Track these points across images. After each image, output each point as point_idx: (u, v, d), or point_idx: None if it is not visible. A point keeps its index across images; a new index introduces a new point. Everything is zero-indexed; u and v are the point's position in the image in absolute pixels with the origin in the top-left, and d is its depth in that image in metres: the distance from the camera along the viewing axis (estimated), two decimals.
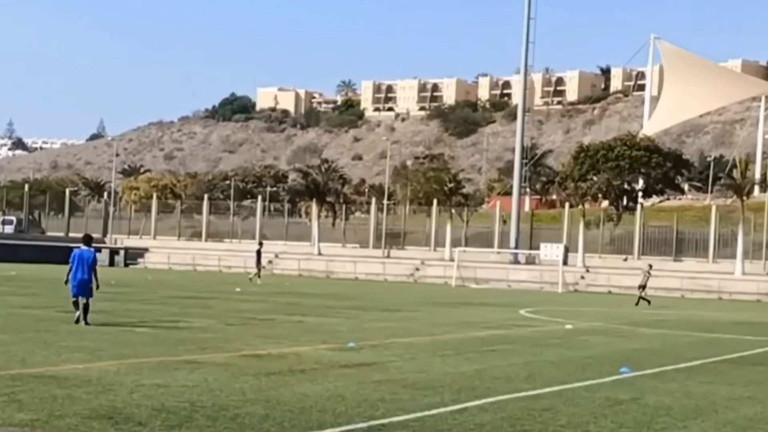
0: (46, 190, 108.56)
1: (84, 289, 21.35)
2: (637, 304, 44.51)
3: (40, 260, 69.57)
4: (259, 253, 57.05)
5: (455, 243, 71.24)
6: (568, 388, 14.46)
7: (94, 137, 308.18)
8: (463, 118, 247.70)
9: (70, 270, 21.54)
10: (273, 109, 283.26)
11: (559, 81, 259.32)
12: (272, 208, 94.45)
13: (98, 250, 78.33)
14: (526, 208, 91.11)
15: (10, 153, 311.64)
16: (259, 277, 54.24)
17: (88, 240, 22.66)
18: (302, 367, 15.60)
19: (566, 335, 25.28)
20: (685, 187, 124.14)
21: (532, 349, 20.60)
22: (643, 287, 46.17)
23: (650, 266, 49.68)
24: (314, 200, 79.90)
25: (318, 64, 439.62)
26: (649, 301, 44.97)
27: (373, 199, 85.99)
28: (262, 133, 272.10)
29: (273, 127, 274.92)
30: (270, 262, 76.23)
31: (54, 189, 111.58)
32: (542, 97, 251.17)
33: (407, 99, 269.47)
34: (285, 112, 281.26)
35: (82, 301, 21.34)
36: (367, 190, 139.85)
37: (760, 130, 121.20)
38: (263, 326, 24.00)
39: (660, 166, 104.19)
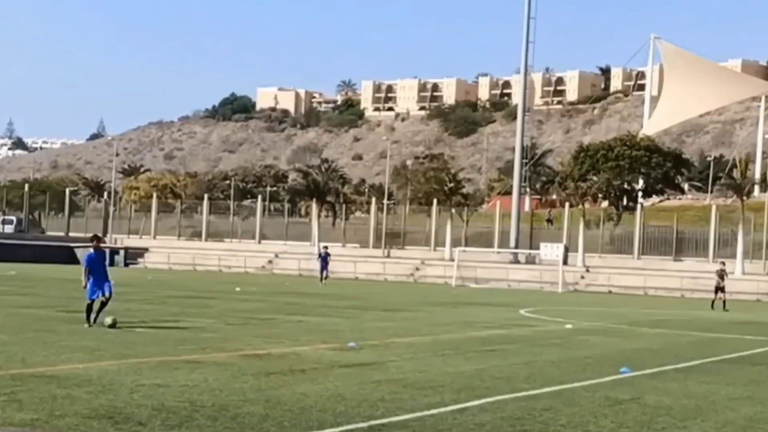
0: (46, 190, 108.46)
1: (104, 285, 21.23)
2: (713, 307, 42.82)
3: (40, 260, 69.59)
4: (322, 256, 55.33)
5: (455, 243, 71.24)
6: (568, 388, 14.46)
7: (94, 137, 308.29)
8: (463, 118, 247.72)
9: (88, 272, 21.27)
10: (273, 109, 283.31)
11: (559, 81, 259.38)
12: (272, 207, 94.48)
13: None
14: (526, 207, 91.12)
15: (10, 153, 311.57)
16: (324, 279, 53.09)
17: (97, 240, 22.37)
18: (302, 367, 15.60)
19: (566, 335, 25.28)
20: (685, 186, 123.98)
21: (532, 349, 20.60)
22: (720, 289, 44.25)
23: (723, 263, 48.35)
24: (314, 200, 79.94)
25: (318, 64, 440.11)
26: (713, 305, 43.18)
27: (373, 199, 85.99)
28: (262, 133, 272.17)
29: (273, 126, 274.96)
30: (270, 261, 76.28)
31: (54, 189, 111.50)
32: (542, 97, 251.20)
33: (407, 99, 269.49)
34: (285, 112, 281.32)
35: (102, 299, 21.16)
36: (367, 190, 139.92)
37: (760, 130, 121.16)
38: (263, 326, 24.00)
39: (660, 166, 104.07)
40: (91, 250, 21.76)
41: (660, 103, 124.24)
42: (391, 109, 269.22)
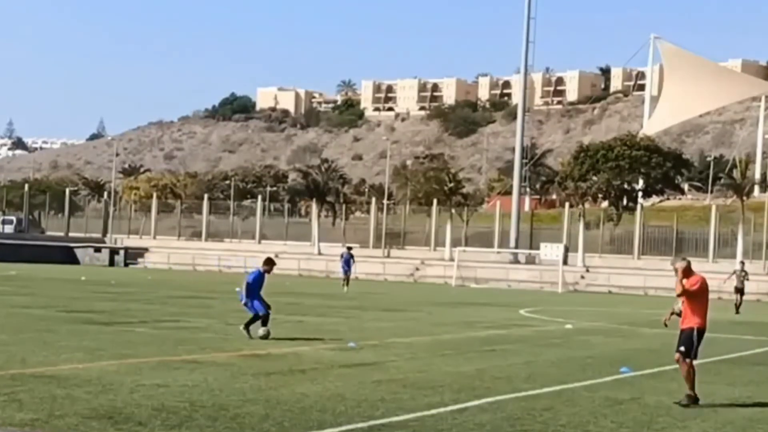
0: (46, 190, 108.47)
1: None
2: (737, 311, 40.72)
3: (40, 260, 69.56)
4: (345, 258, 50.00)
5: (455, 243, 71.22)
6: (568, 388, 14.47)
7: (94, 137, 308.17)
8: (463, 118, 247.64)
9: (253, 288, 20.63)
10: (273, 109, 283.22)
11: (559, 81, 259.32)
12: (272, 207, 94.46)
13: (98, 249, 78.97)
14: (526, 207, 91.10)
15: (10, 153, 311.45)
16: (347, 284, 48.21)
17: (271, 264, 21.27)
18: (302, 367, 15.60)
19: (566, 335, 25.28)
20: (685, 187, 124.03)
21: (532, 349, 20.60)
22: (739, 290, 42.55)
23: (742, 263, 46.94)
24: (314, 200, 79.92)
25: (318, 64, 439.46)
26: (737, 309, 40.89)
27: (373, 199, 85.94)
28: (262, 133, 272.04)
29: (273, 127, 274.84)
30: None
31: (54, 189, 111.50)
32: (542, 97, 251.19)
33: (407, 99, 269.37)
34: (285, 112, 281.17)
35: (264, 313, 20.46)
36: (367, 189, 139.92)
37: (760, 130, 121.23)
38: None
39: (660, 166, 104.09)
40: (262, 270, 20.83)
41: (660, 103, 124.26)
42: (391, 109, 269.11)
